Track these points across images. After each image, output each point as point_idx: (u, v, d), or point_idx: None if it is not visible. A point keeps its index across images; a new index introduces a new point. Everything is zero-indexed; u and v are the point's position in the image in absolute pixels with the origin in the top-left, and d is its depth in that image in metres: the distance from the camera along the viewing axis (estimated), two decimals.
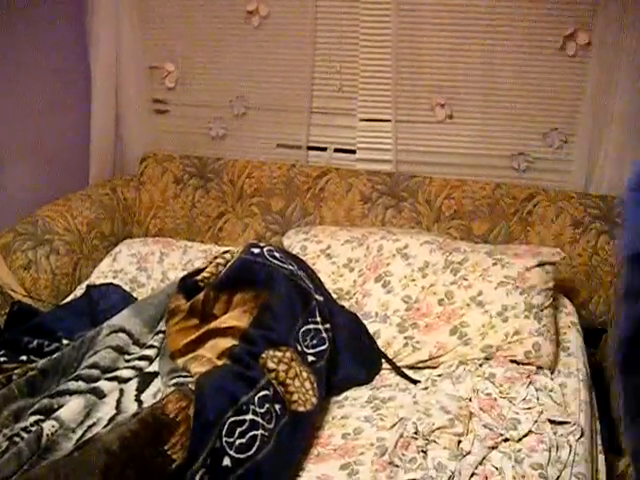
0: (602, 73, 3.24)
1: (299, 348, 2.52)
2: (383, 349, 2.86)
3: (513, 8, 3.33)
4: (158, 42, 3.90)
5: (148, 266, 3.48)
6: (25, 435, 2.22)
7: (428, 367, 2.79)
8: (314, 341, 2.59)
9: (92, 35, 3.78)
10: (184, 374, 2.45)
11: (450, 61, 3.48)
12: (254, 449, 2.14)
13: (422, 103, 3.57)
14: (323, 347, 2.59)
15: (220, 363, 2.45)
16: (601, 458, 2.47)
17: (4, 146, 3.40)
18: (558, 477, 2.13)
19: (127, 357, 2.69)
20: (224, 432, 2.11)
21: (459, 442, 2.25)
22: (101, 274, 3.47)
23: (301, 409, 2.34)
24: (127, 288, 3.35)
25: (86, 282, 3.41)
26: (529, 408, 2.39)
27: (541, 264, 2.96)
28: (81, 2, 3.75)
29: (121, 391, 2.48)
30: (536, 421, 2.33)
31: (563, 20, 3.28)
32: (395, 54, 3.49)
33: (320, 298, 2.77)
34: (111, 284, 3.32)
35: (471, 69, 3.47)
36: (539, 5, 3.30)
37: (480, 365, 2.67)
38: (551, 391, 2.51)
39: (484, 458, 2.19)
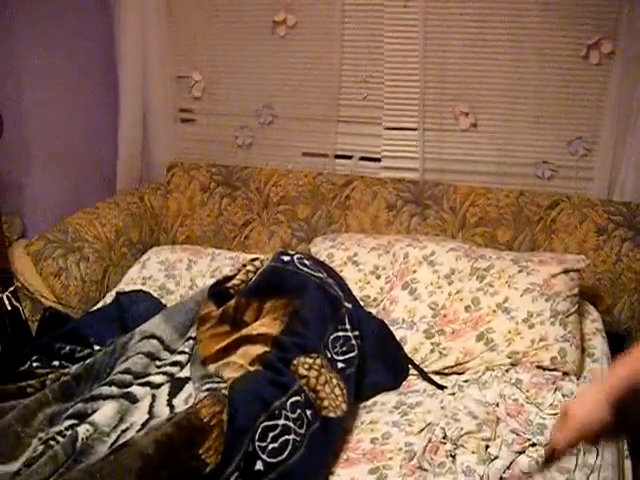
0: (625, 82, 3.24)
1: (329, 355, 2.54)
2: (410, 355, 2.88)
3: (537, 17, 3.35)
4: (185, 52, 3.95)
5: (176, 273, 3.51)
6: (60, 439, 2.26)
7: (455, 373, 2.82)
8: (344, 348, 2.61)
9: (120, 45, 3.83)
10: (217, 380, 2.49)
11: (474, 70, 3.50)
12: (286, 454, 2.16)
13: (446, 112, 3.60)
14: (352, 354, 2.62)
15: (252, 369, 2.49)
16: (627, 463, 2.48)
17: (33, 155, 3.46)
18: None
19: (158, 363, 2.72)
20: (257, 436, 2.14)
21: (487, 447, 2.27)
22: (130, 281, 3.51)
23: (332, 415, 2.37)
24: (156, 295, 3.38)
25: (115, 289, 3.46)
26: (556, 414, 2.40)
27: (566, 271, 2.98)
28: (109, 13, 3.81)
29: (153, 396, 2.51)
30: None
31: (587, 29, 3.29)
32: (422, 63, 3.52)
33: (349, 305, 2.80)
34: (141, 291, 3.36)
35: (495, 78, 3.49)
36: (563, 14, 3.31)
37: (506, 371, 2.69)
38: None
39: (512, 462, 2.21)
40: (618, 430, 1.61)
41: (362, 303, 3.12)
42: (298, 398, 2.32)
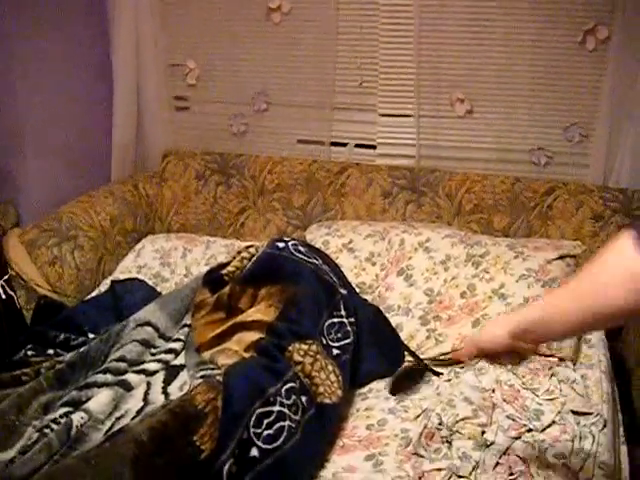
0: (622, 67, 3.24)
1: (324, 341, 2.53)
2: (406, 342, 2.87)
3: (533, 3, 3.34)
4: (179, 39, 3.93)
5: (171, 261, 3.50)
6: (55, 426, 2.25)
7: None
8: (339, 334, 2.59)
9: (113, 33, 3.82)
10: (211, 367, 2.47)
11: (470, 56, 3.49)
12: (281, 440, 2.15)
13: (442, 98, 3.59)
14: (348, 340, 2.60)
15: (247, 356, 2.48)
16: (623, 449, 2.48)
17: (27, 143, 3.45)
18: (582, 467, 2.13)
19: (153, 350, 2.70)
20: (252, 423, 2.12)
21: (483, 432, 2.26)
22: (125, 269, 3.50)
23: (327, 401, 2.36)
24: (151, 283, 3.37)
25: (110, 277, 3.45)
26: (552, 399, 2.40)
27: (562, 257, 2.98)
28: (103, 3, 3.80)
29: (148, 384, 2.49)
30: (559, 412, 2.34)
31: (583, 15, 3.29)
32: (417, 49, 3.51)
33: (344, 292, 2.79)
34: (136, 279, 3.35)
35: (491, 64, 3.48)
36: None
37: None
38: (573, 382, 2.52)
39: (508, 448, 2.20)
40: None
41: (357, 290, 3.11)
42: (293, 384, 2.30)
